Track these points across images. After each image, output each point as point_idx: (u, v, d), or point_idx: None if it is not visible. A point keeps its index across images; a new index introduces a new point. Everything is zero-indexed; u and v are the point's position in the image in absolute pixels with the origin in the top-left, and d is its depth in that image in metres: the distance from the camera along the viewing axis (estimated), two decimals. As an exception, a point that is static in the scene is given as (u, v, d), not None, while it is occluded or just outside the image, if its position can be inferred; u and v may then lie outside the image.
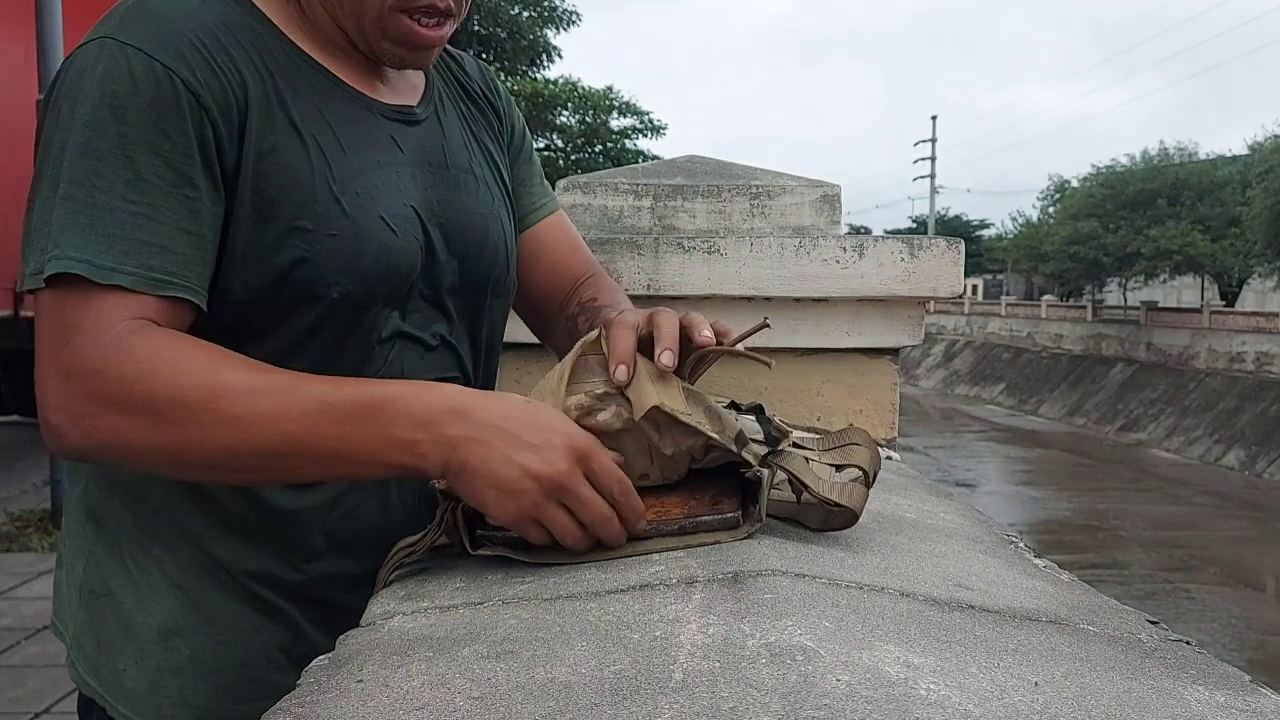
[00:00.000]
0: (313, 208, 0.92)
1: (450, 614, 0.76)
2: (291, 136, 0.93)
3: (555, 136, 20.94)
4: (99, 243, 0.84)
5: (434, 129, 1.08)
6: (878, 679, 0.57)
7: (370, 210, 0.95)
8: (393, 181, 0.99)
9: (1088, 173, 35.44)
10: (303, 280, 0.92)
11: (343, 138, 0.97)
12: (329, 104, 0.97)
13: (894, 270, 1.83)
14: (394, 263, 0.97)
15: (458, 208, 1.05)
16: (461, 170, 1.08)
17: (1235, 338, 25.47)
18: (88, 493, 1.02)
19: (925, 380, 38.67)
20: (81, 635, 1.01)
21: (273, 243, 0.91)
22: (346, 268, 0.94)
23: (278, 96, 0.93)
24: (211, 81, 0.89)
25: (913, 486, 1.39)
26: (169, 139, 0.87)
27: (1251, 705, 0.62)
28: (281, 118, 0.93)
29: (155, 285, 0.85)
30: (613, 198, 1.96)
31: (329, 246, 0.93)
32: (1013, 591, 0.84)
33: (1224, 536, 16.00)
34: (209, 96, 0.89)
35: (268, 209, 0.91)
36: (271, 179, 0.91)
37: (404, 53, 1.00)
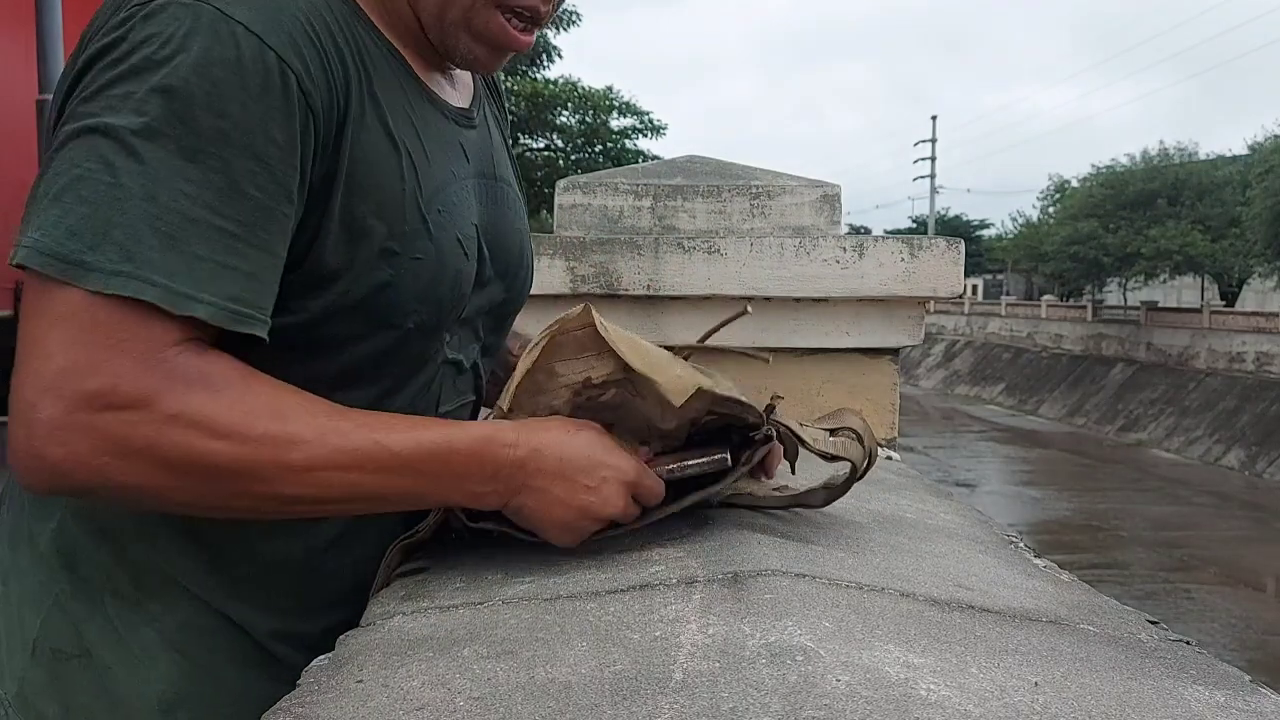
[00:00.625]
0: (401, 228, 0.83)
1: (450, 614, 0.76)
2: (386, 144, 0.83)
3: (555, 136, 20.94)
4: (178, 261, 0.70)
5: (485, 133, 1.01)
6: (878, 679, 0.57)
7: (450, 232, 0.88)
8: (464, 197, 0.92)
9: (1088, 173, 35.47)
10: (384, 306, 0.84)
11: (428, 146, 0.88)
12: (414, 106, 0.88)
13: (894, 270, 1.83)
14: (462, 289, 0.91)
15: (504, 227, 0.99)
16: (504, 182, 1.02)
17: (1235, 338, 25.47)
18: (63, 534, 0.86)
19: (925, 380, 38.67)
20: (35, 697, 0.86)
21: (363, 264, 0.82)
22: (426, 295, 0.86)
23: (371, 97, 0.83)
24: (320, 78, 0.78)
25: (913, 486, 1.39)
26: (275, 144, 0.74)
27: (1251, 705, 0.62)
28: (375, 123, 0.83)
29: (236, 320, 0.73)
30: (613, 198, 1.96)
31: (413, 272, 0.84)
32: (1013, 591, 0.84)
33: (1224, 536, 16.00)
34: (318, 97, 0.77)
35: (359, 226, 0.81)
36: (367, 193, 0.81)
37: (481, 52, 0.91)
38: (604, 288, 1.84)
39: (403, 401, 0.90)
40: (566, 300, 1.86)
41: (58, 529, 0.87)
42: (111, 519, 0.86)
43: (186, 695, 0.86)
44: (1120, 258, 30.66)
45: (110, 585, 0.86)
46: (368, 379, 0.87)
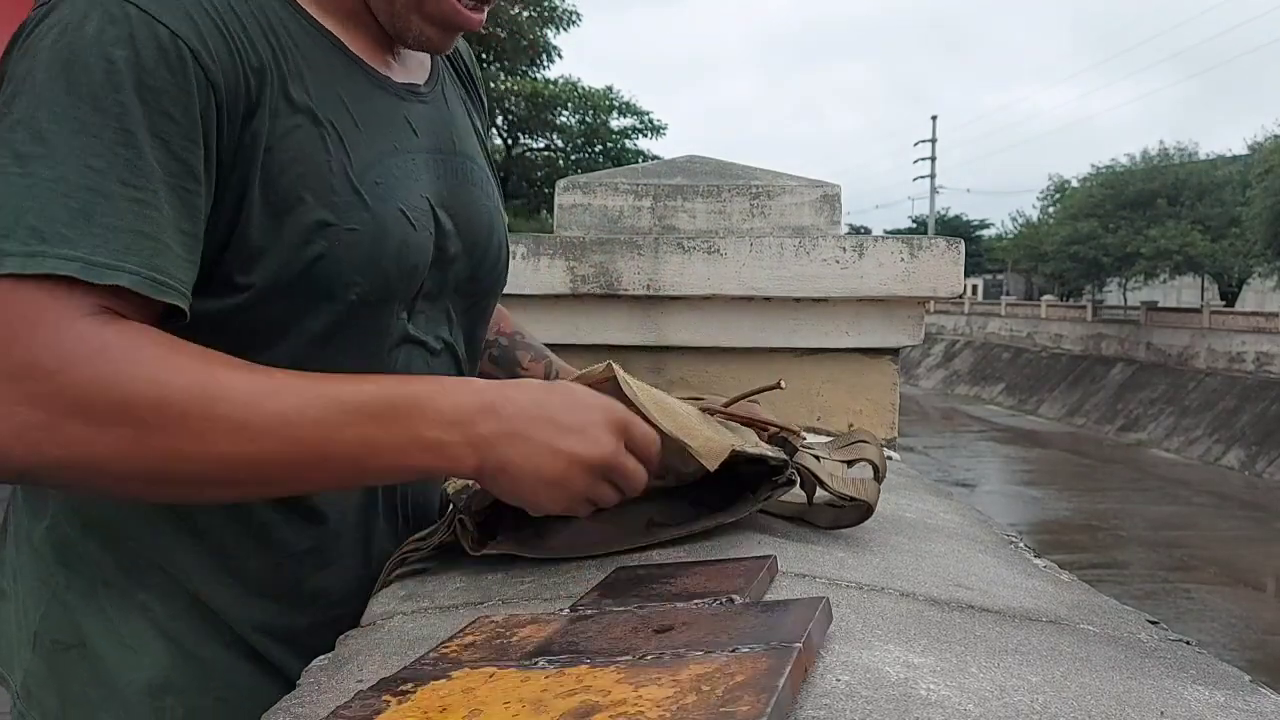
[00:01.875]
0: (331, 199, 0.83)
1: (450, 614, 0.76)
2: (306, 120, 0.83)
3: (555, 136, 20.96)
4: (96, 235, 0.70)
5: (441, 109, 1.00)
6: (878, 679, 0.57)
7: (390, 203, 0.87)
8: (409, 169, 0.91)
9: (1088, 173, 35.49)
10: (320, 279, 0.83)
11: (359, 119, 0.87)
12: (343, 81, 0.87)
13: (894, 270, 1.83)
14: (412, 260, 0.89)
15: (466, 200, 0.98)
16: (468, 158, 1.01)
17: (1235, 338, 25.48)
18: (55, 530, 0.88)
19: (925, 380, 38.68)
20: (37, 689, 0.89)
21: (291, 239, 0.81)
22: (366, 265, 0.85)
23: (291, 74, 0.83)
24: (223, 55, 0.77)
25: (913, 486, 1.39)
26: (173, 121, 0.74)
27: (1251, 705, 0.62)
28: (296, 98, 0.82)
29: (157, 288, 0.72)
30: (613, 198, 1.97)
31: (349, 242, 0.83)
32: (1013, 591, 0.84)
33: (1224, 536, 16.01)
34: (219, 74, 0.77)
35: (283, 202, 0.81)
36: (286, 168, 0.81)
37: (433, 33, 0.91)
38: (604, 288, 1.84)
39: None
40: (566, 300, 1.86)
41: (50, 525, 0.89)
42: (99, 512, 0.87)
43: (176, 681, 0.87)
44: (1120, 258, 30.68)
45: (102, 576, 0.87)
46: (316, 360, 0.83)
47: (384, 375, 0.83)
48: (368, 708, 0.55)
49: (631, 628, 0.61)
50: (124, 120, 0.72)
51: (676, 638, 0.58)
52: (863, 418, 1.90)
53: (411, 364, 0.93)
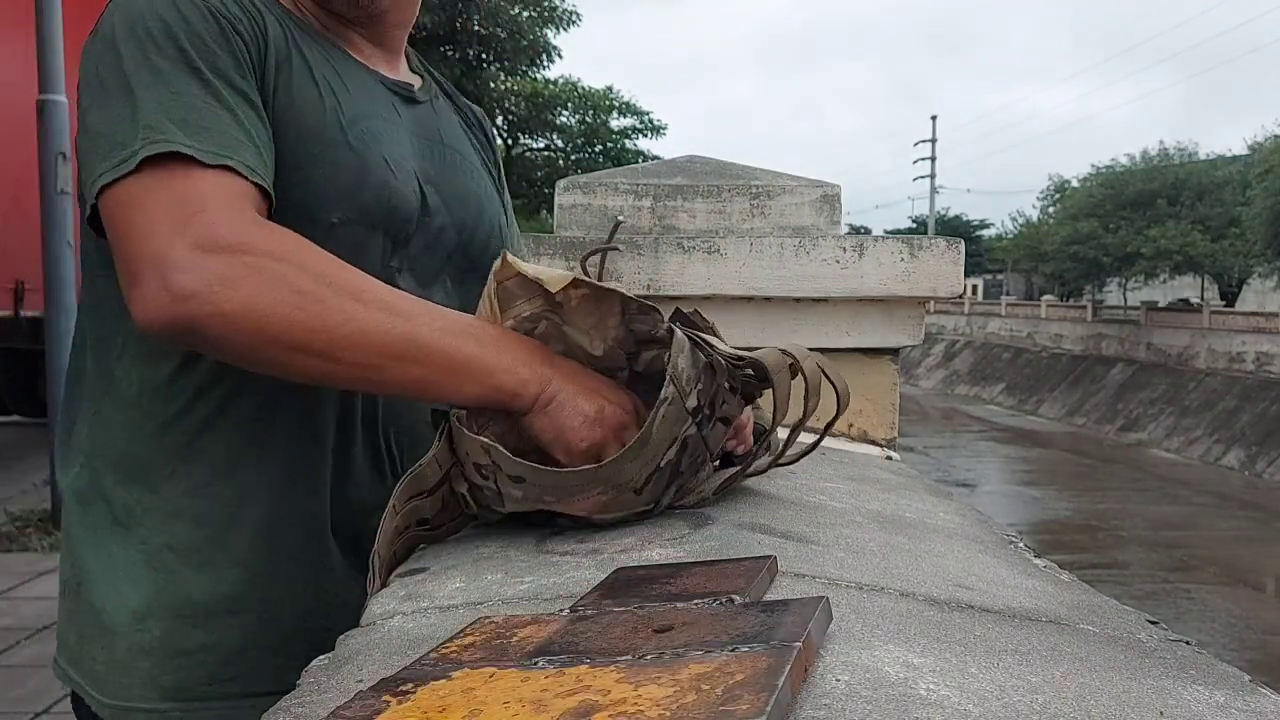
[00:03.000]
0: (320, 135, 0.96)
1: (450, 614, 0.76)
2: (305, 75, 0.98)
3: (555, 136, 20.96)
4: (196, 133, 0.85)
5: (430, 113, 1.12)
6: (878, 679, 0.57)
7: (374, 149, 0.99)
8: (394, 136, 1.03)
9: (1088, 173, 35.49)
10: (301, 203, 0.94)
11: (349, 86, 1.01)
12: (337, 60, 1.03)
13: (894, 270, 1.83)
14: (393, 202, 1.00)
15: (452, 180, 1.09)
16: (456, 151, 1.12)
17: (1235, 338, 25.48)
18: (79, 476, 1.00)
19: (925, 380, 38.69)
20: (66, 628, 1.01)
21: (280, 166, 0.93)
22: (346, 196, 0.97)
23: (295, 45, 0.98)
24: (243, 22, 0.94)
25: (913, 486, 1.39)
26: (222, 60, 0.91)
27: (1251, 705, 0.62)
28: (298, 61, 0.98)
29: (254, 174, 0.87)
30: (613, 198, 1.97)
31: (330, 173, 0.96)
32: (1013, 591, 0.84)
33: (1224, 536, 16.01)
34: (245, 31, 0.94)
35: (279, 134, 0.94)
36: (286, 108, 0.95)
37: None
38: (604, 288, 1.84)
39: None
40: (566, 300, 1.86)
41: (77, 471, 1.00)
42: (112, 450, 0.98)
43: (155, 607, 0.96)
44: (1120, 258, 30.69)
45: (110, 514, 0.98)
46: None
47: None
48: (368, 708, 0.55)
49: (631, 628, 0.61)
50: (187, 59, 0.89)
51: (676, 637, 0.58)
52: (863, 418, 1.90)
53: None
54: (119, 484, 0.98)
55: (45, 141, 5.70)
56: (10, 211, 6.86)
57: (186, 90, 0.88)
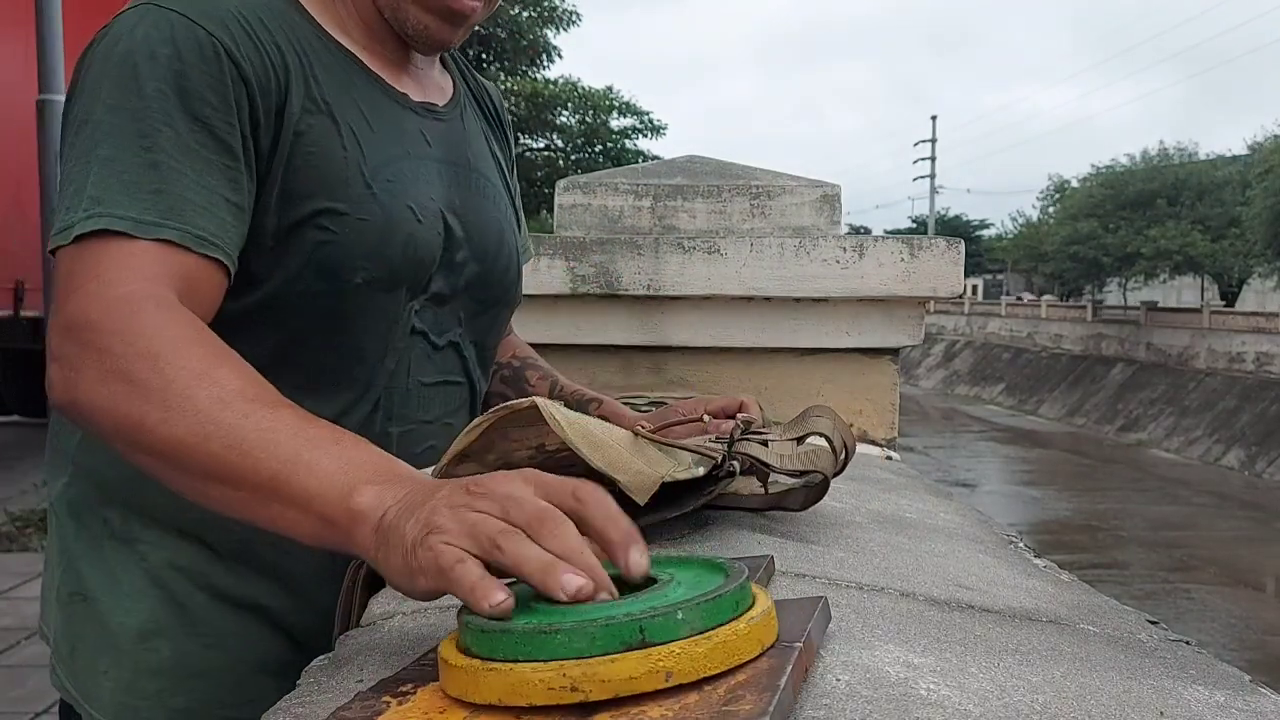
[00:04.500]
0: (344, 191, 0.91)
1: (450, 614, 0.75)
2: (325, 120, 0.92)
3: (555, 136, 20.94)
4: (145, 199, 0.80)
5: (458, 128, 1.08)
6: (878, 679, 0.57)
7: (400, 198, 0.95)
8: (421, 174, 0.99)
9: (1088, 173, 35.49)
10: (328, 262, 0.91)
11: (375, 125, 0.96)
12: (360, 92, 0.96)
13: (894, 270, 1.83)
14: (418, 254, 0.97)
15: (477, 210, 1.06)
16: (482, 176, 1.09)
17: (1235, 338, 25.47)
18: (71, 487, 0.97)
19: (925, 380, 38.68)
20: (60, 640, 0.98)
21: (302, 224, 0.90)
22: (373, 253, 0.92)
23: (313, 78, 0.92)
24: (253, 56, 0.87)
25: (913, 486, 1.39)
26: (211, 106, 0.85)
27: (1251, 705, 0.62)
28: (316, 100, 0.92)
29: (201, 243, 0.81)
30: (613, 198, 1.97)
31: (357, 230, 0.92)
32: (1013, 591, 0.84)
33: (1224, 536, 16.00)
34: (250, 70, 0.87)
35: (299, 191, 0.90)
36: (306, 161, 0.90)
37: (431, 22, 0.98)
38: (604, 288, 1.84)
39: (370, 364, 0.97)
40: (566, 300, 1.86)
41: (67, 482, 0.98)
42: (109, 468, 0.94)
43: (165, 625, 0.94)
44: (1120, 258, 30.68)
45: (107, 530, 0.95)
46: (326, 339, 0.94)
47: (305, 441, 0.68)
48: (368, 708, 0.55)
49: None
50: (168, 106, 0.83)
51: None
52: (863, 418, 1.90)
53: (412, 354, 1.00)
54: (114, 501, 0.95)
55: (45, 141, 5.69)
56: (10, 211, 6.86)
57: (156, 144, 0.81)
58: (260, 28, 0.89)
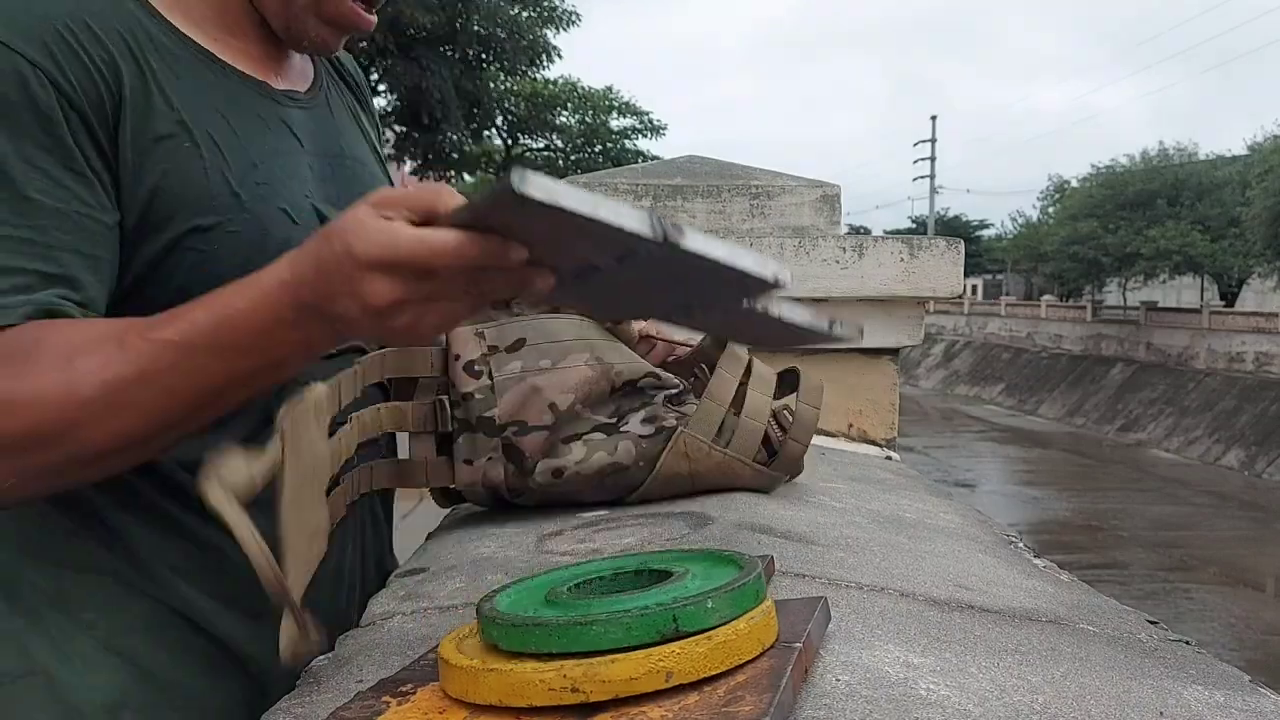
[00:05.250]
0: (209, 204, 0.84)
1: (450, 614, 0.76)
2: (177, 129, 0.83)
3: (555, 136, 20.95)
4: None
5: (326, 115, 1.02)
6: (878, 679, 0.57)
7: (271, 202, 0.88)
8: (291, 170, 0.92)
9: (1088, 173, 35.48)
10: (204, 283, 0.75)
11: (236, 126, 0.88)
12: (218, 92, 0.88)
13: (894, 270, 1.83)
14: None
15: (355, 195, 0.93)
16: (356, 162, 1.03)
17: (1235, 338, 25.47)
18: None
19: (925, 380, 38.68)
20: None
21: (171, 249, 0.83)
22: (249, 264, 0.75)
23: (158, 87, 0.83)
24: (81, 77, 0.78)
25: (912, 486, 1.39)
26: (44, 149, 0.76)
27: (1251, 705, 0.62)
28: (164, 111, 0.83)
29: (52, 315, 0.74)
30: (612, 198, 1.97)
31: (229, 245, 0.84)
32: (1012, 591, 0.84)
33: (1224, 536, 16.00)
34: (80, 96, 0.78)
35: (157, 212, 0.82)
36: (162, 178, 0.82)
37: (328, 35, 0.94)
38: (604, 288, 1.84)
39: None
40: (566, 300, 1.86)
41: None
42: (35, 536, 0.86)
43: (131, 697, 0.86)
44: (1120, 258, 30.67)
45: (44, 599, 0.86)
46: None
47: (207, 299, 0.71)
48: (368, 708, 0.55)
49: None
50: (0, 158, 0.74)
51: None
52: (863, 418, 1.90)
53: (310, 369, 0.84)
54: (42, 560, 0.87)
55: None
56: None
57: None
58: (89, 38, 0.80)
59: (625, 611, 0.51)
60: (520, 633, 0.52)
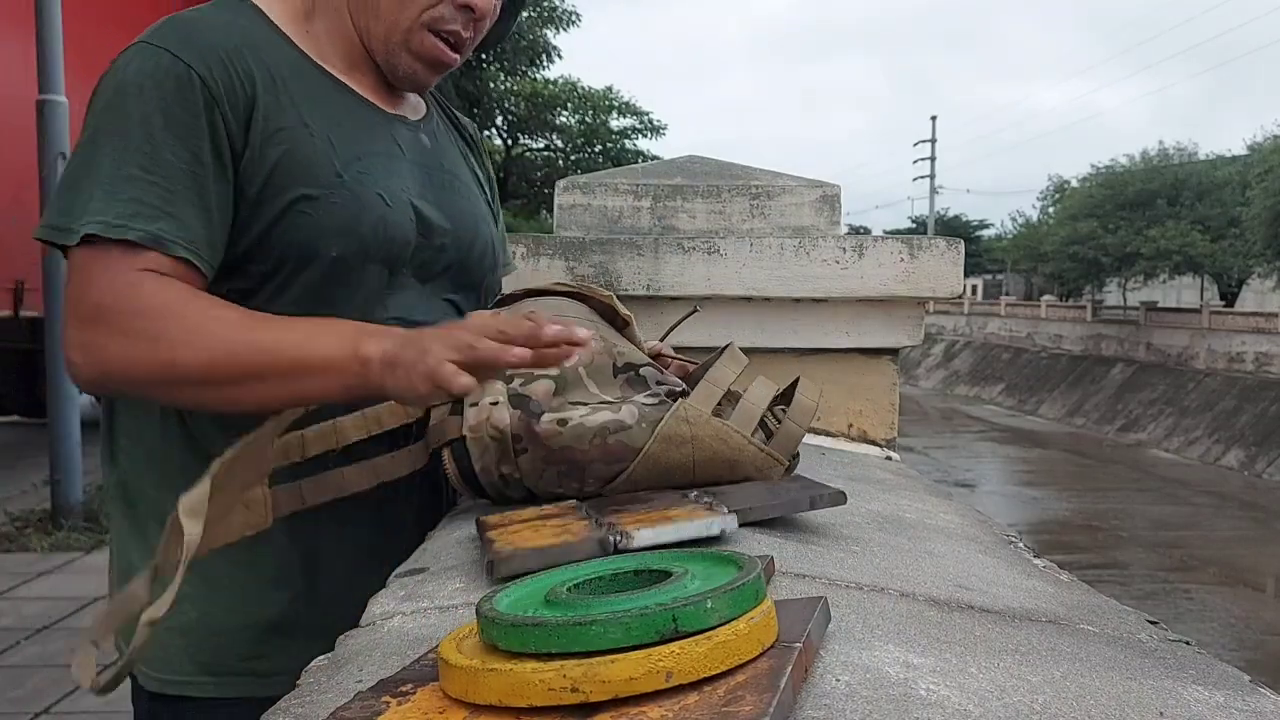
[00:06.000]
0: (316, 178, 1.06)
1: (450, 614, 0.76)
2: (297, 125, 1.07)
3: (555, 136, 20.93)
4: (119, 206, 0.97)
5: (431, 138, 1.23)
6: (878, 679, 0.57)
7: (369, 187, 1.09)
8: (392, 169, 1.13)
9: (1087, 173, 35.47)
10: (307, 242, 1.05)
11: (347, 128, 1.11)
12: (336, 104, 1.12)
13: (893, 270, 1.83)
14: (390, 233, 1.10)
15: (450, 203, 1.19)
16: (455, 176, 1.23)
17: (1235, 338, 25.47)
18: (122, 472, 1.12)
19: (925, 380, 38.68)
20: None
21: (285, 211, 1.05)
22: (345, 229, 1.07)
23: (287, 95, 1.07)
24: (224, 78, 1.03)
25: (912, 487, 1.39)
26: (185, 125, 1.01)
27: (1251, 705, 0.62)
28: (289, 110, 1.07)
29: (161, 244, 0.98)
30: (613, 198, 1.97)
31: (328, 211, 1.06)
32: (1012, 591, 0.84)
33: (1223, 536, 16.00)
34: (220, 90, 1.03)
35: (275, 183, 1.05)
36: (278, 157, 1.05)
37: (419, 69, 1.15)
38: (603, 288, 1.84)
39: None
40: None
41: (120, 469, 1.12)
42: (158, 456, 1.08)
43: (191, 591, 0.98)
44: (1120, 258, 30.66)
45: (151, 511, 1.07)
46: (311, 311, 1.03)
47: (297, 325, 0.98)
48: (368, 708, 0.55)
49: None
50: (148, 127, 1.00)
51: None
52: (863, 418, 1.90)
53: None
54: (153, 485, 1.08)
55: (45, 141, 5.69)
56: (10, 212, 6.86)
57: (133, 159, 0.98)
58: (235, 55, 1.05)
59: (625, 611, 0.51)
60: (520, 633, 0.52)
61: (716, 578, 0.56)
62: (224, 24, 1.08)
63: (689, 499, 0.93)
